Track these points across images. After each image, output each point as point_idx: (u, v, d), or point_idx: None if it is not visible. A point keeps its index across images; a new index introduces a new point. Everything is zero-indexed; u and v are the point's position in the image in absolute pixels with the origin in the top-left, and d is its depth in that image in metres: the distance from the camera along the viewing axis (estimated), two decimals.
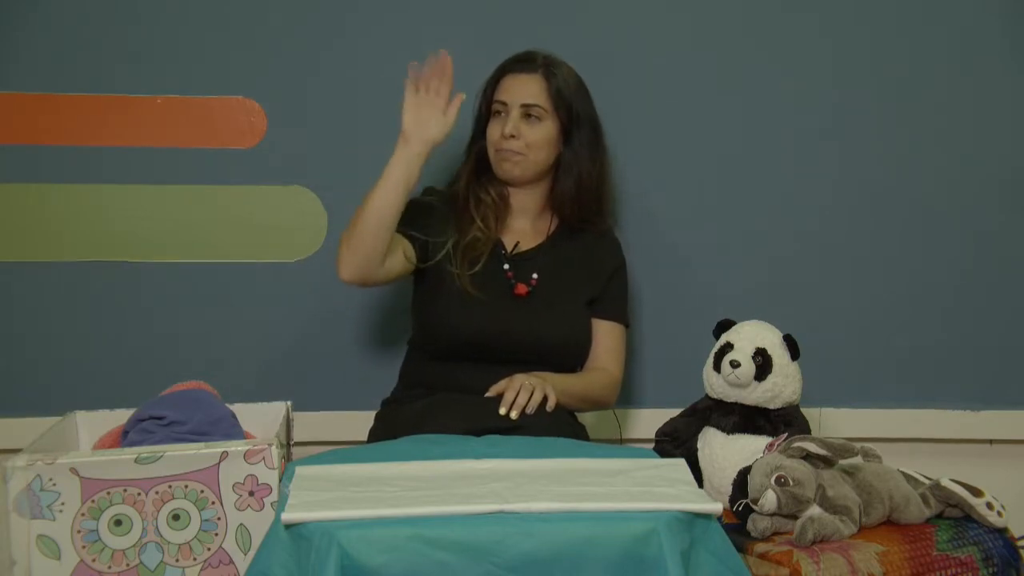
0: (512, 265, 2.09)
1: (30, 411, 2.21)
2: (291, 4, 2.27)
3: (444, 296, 2.04)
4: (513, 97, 2.06)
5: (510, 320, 2.04)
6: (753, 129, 2.37)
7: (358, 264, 1.95)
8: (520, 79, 2.07)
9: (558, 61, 2.09)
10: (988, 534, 1.80)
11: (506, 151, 2.06)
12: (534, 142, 2.06)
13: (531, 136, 2.06)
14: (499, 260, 2.09)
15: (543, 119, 2.06)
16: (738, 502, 1.77)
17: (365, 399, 2.25)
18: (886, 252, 2.40)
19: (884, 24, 2.35)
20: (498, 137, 2.06)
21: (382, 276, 2.00)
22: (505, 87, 2.07)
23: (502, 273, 2.08)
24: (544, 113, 2.06)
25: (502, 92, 2.07)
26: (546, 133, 2.07)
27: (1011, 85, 2.38)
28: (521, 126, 2.05)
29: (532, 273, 2.09)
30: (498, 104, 2.07)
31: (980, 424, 2.41)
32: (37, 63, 2.23)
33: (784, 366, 1.93)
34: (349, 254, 1.95)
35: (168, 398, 1.88)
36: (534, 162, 2.08)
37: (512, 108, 2.05)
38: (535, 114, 2.06)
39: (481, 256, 2.06)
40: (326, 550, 1.39)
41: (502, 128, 2.05)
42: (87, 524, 1.67)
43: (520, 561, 1.40)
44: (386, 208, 1.92)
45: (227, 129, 2.28)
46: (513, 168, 2.07)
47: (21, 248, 2.26)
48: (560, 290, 2.09)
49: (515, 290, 2.07)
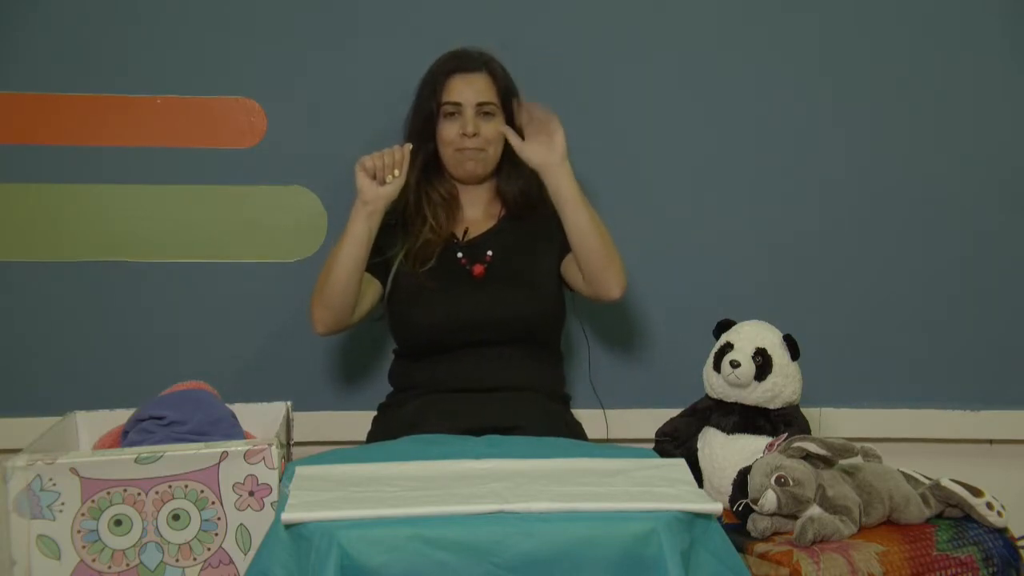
0: (465, 252, 2.11)
1: (30, 411, 2.21)
2: (291, 4, 2.27)
3: (405, 297, 2.07)
4: (467, 97, 2.08)
5: (472, 303, 2.05)
6: (753, 128, 2.37)
7: (332, 319, 2.03)
8: (469, 78, 2.09)
9: (491, 57, 2.12)
10: (988, 534, 1.79)
11: (469, 150, 2.08)
12: (492, 137, 2.09)
13: (488, 131, 2.09)
14: (452, 250, 2.11)
15: (495, 115, 2.09)
16: (738, 502, 1.77)
17: (365, 399, 2.26)
18: (886, 252, 2.40)
19: (884, 24, 2.35)
20: (457, 136, 2.08)
21: (356, 320, 2.07)
22: (455, 88, 2.08)
23: (456, 261, 2.10)
24: (496, 109, 2.10)
25: (453, 93, 2.08)
26: (498, 128, 2.09)
27: (1011, 85, 2.38)
28: (479, 123, 2.07)
29: (486, 251, 2.11)
30: (450, 105, 2.08)
31: (980, 424, 2.41)
32: (37, 63, 2.23)
33: (784, 366, 1.93)
34: (321, 310, 2.02)
35: (168, 398, 1.88)
36: (493, 156, 2.11)
37: (467, 108, 2.08)
38: (489, 111, 2.09)
39: (433, 253, 2.09)
40: (326, 550, 1.39)
41: (461, 128, 2.07)
42: (87, 524, 1.67)
43: (520, 561, 1.41)
44: (352, 263, 1.98)
45: (227, 129, 2.28)
46: (476, 166, 2.10)
47: (21, 248, 2.26)
48: (519, 264, 2.11)
49: (472, 273, 2.08)
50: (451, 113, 2.09)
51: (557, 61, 2.30)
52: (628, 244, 2.24)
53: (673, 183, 2.37)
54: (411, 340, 2.09)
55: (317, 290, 2.03)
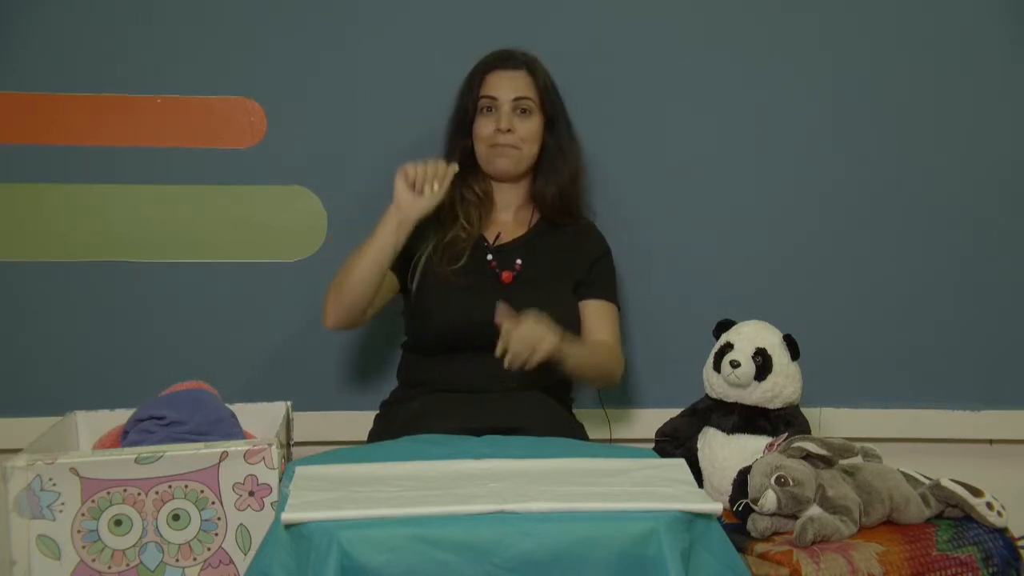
0: (495, 255, 2.10)
1: (30, 411, 2.21)
2: (291, 4, 2.27)
3: (430, 292, 2.05)
4: (504, 92, 2.07)
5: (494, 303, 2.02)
6: (752, 129, 2.36)
7: (344, 315, 2.02)
8: (507, 75, 2.08)
9: (534, 58, 2.12)
10: (988, 534, 1.80)
11: (502, 146, 2.07)
12: (527, 135, 2.08)
13: (524, 130, 2.08)
14: (482, 251, 2.10)
15: (532, 113, 2.08)
16: (738, 502, 1.77)
17: (365, 399, 2.26)
18: (886, 252, 2.40)
19: (884, 24, 2.35)
20: (491, 132, 2.07)
21: (368, 318, 2.06)
22: (493, 83, 2.08)
23: (486, 263, 2.09)
24: (533, 107, 2.08)
25: (490, 88, 2.08)
26: (536, 127, 2.09)
27: (1011, 85, 2.38)
28: (514, 120, 2.06)
29: (516, 259, 2.10)
30: (486, 100, 2.08)
31: (980, 424, 2.41)
32: (37, 63, 2.23)
33: (784, 366, 1.93)
34: (336, 304, 2.01)
35: (168, 398, 1.88)
36: (528, 155, 2.10)
37: (503, 103, 2.07)
38: (526, 107, 2.08)
39: (463, 252, 2.07)
40: (326, 550, 1.39)
41: (495, 123, 2.06)
42: (87, 524, 1.68)
43: (520, 561, 1.41)
44: (375, 267, 1.97)
45: (227, 129, 2.28)
46: (509, 163, 2.09)
47: (21, 248, 2.26)
48: (545, 275, 2.10)
49: (500, 278, 2.07)
50: (486, 108, 2.08)
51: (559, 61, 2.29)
52: (629, 244, 2.26)
53: (673, 183, 2.36)
54: (430, 335, 2.06)
55: (335, 286, 2.01)
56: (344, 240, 2.16)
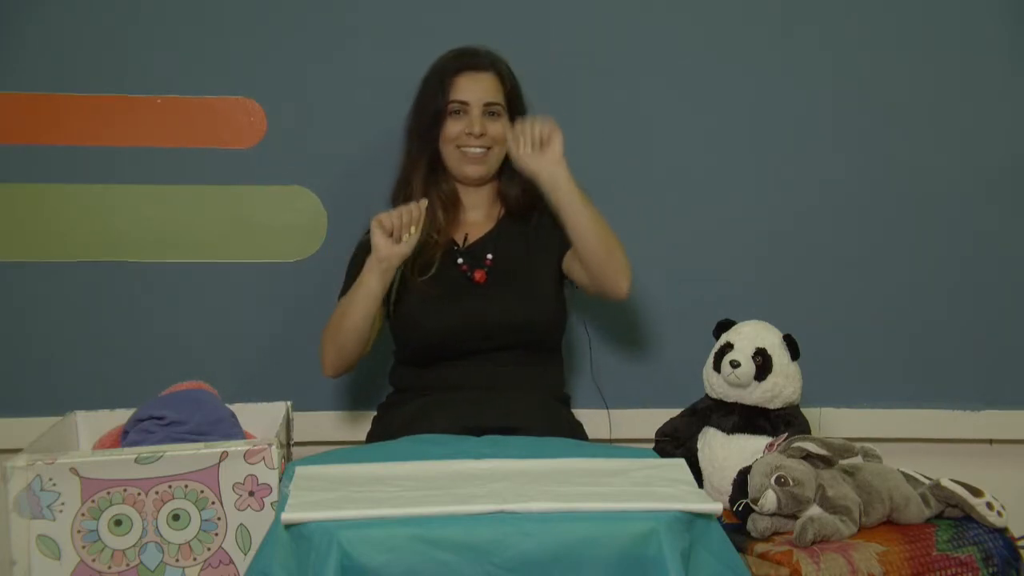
0: (465, 257, 2.10)
1: (30, 411, 2.21)
2: (291, 4, 2.27)
3: (409, 307, 2.05)
4: (475, 96, 2.06)
5: (475, 310, 2.03)
6: (752, 128, 2.37)
7: (343, 364, 2.05)
8: (477, 77, 2.07)
9: (497, 56, 2.11)
10: (988, 534, 1.79)
11: (473, 154, 2.07)
12: (498, 138, 2.07)
13: (495, 133, 2.07)
14: (452, 256, 2.10)
15: (500, 115, 2.08)
16: (738, 502, 1.77)
17: (365, 399, 2.26)
18: (886, 252, 2.40)
19: (883, 23, 2.35)
20: (462, 135, 2.07)
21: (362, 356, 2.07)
22: (462, 86, 2.07)
23: (457, 268, 2.09)
24: (501, 110, 2.08)
25: (460, 91, 2.07)
26: (504, 129, 2.07)
27: (1011, 85, 2.38)
28: (485, 123, 2.07)
29: (486, 255, 2.10)
30: (456, 104, 2.07)
31: (980, 424, 2.41)
32: (37, 63, 2.23)
33: (784, 366, 1.93)
34: (335, 356, 2.04)
35: (168, 398, 1.88)
36: (497, 158, 2.10)
37: (474, 107, 2.06)
38: (495, 111, 2.08)
39: (433, 259, 2.07)
40: (326, 550, 1.39)
41: (467, 127, 2.06)
42: (87, 524, 1.68)
43: (519, 561, 1.41)
44: (366, 313, 1.98)
45: (227, 129, 2.28)
46: (480, 167, 2.09)
47: (21, 248, 2.26)
48: (519, 267, 2.10)
49: (473, 279, 2.08)
50: (456, 112, 2.08)
51: (557, 62, 2.30)
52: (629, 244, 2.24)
53: (674, 183, 2.36)
54: (414, 349, 2.07)
55: (330, 338, 2.03)
56: (344, 240, 2.17)
